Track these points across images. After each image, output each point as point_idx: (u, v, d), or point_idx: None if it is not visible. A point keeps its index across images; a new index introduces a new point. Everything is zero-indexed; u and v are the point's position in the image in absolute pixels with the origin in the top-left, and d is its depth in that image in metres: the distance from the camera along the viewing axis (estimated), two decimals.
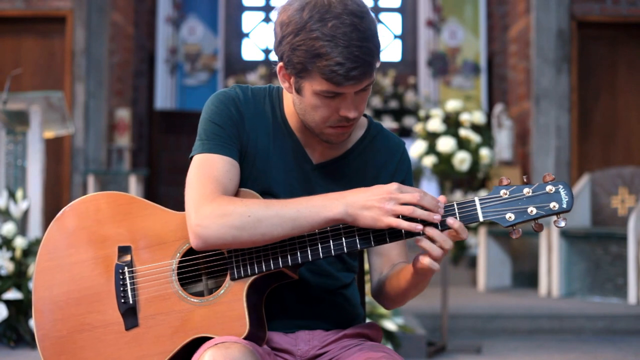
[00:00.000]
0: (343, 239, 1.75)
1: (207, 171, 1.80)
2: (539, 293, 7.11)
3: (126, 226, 1.86)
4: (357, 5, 1.74)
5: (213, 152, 1.82)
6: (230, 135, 1.85)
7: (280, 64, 1.80)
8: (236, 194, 1.83)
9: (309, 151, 1.91)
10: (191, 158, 1.86)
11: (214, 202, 1.75)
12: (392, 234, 1.74)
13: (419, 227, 1.68)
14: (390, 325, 4.59)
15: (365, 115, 1.99)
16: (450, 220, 1.70)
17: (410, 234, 1.72)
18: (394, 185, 1.71)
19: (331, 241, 1.76)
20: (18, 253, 4.62)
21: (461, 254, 8.08)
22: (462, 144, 5.13)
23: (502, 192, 1.72)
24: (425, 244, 1.70)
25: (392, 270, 1.93)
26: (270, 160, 1.89)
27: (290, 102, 1.88)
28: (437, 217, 1.69)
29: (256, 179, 1.87)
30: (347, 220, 1.72)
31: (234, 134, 1.85)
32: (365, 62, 1.72)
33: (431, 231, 1.69)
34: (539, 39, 8.21)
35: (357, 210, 1.71)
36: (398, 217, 1.70)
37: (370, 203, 1.70)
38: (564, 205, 1.69)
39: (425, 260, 1.71)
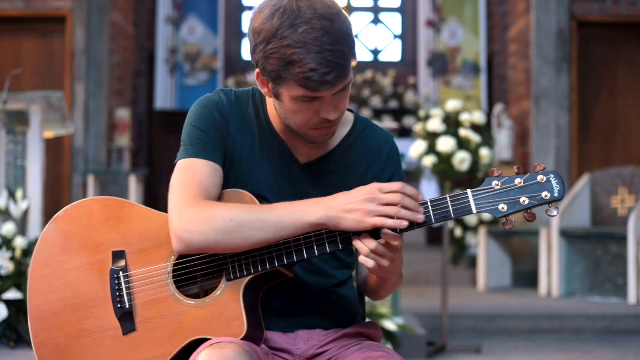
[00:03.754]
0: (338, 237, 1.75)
1: (190, 176, 1.81)
2: (539, 293, 7.11)
3: (119, 231, 1.86)
4: (327, 8, 1.72)
5: (196, 156, 1.83)
6: (213, 140, 1.85)
7: (257, 70, 1.79)
8: (230, 195, 1.83)
9: (295, 152, 1.91)
10: (175, 164, 1.86)
11: (196, 206, 1.76)
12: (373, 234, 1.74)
13: (404, 223, 1.68)
14: (390, 325, 4.59)
15: (351, 111, 1.99)
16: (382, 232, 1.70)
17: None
18: (375, 186, 1.71)
19: (326, 241, 1.76)
20: (18, 253, 4.62)
21: (461, 254, 8.08)
22: (462, 144, 5.13)
23: (494, 183, 1.72)
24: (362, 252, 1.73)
25: None
26: (257, 164, 1.88)
27: (273, 105, 1.88)
28: (420, 217, 1.69)
29: (244, 183, 1.87)
30: (330, 225, 1.72)
31: (218, 139, 1.85)
32: (339, 65, 1.70)
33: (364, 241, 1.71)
34: (539, 39, 8.20)
35: (339, 213, 1.70)
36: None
37: (352, 206, 1.70)
38: (556, 195, 1.70)
39: (368, 263, 1.72)
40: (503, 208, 1.70)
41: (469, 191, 1.72)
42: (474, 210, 1.70)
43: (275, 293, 1.87)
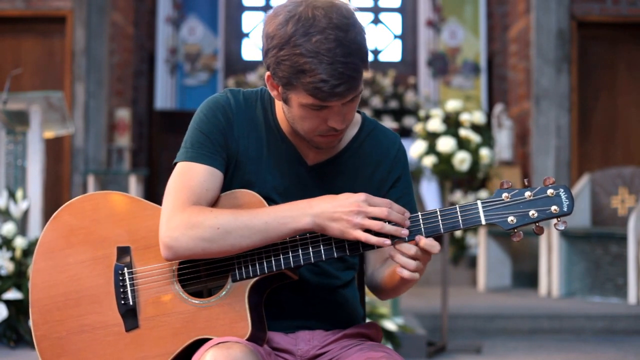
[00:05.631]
0: (333, 244, 1.76)
1: (183, 180, 1.81)
2: (539, 293, 7.11)
3: (125, 226, 1.85)
4: (342, 18, 1.71)
5: (194, 160, 1.83)
6: (215, 144, 1.85)
7: (268, 73, 1.79)
8: (237, 196, 1.82)
9: (303, 153, 1.91)
10: (175, 164, 1.86)
11: (184, 212, 1.76)
12: (365, 245, 1.75)
13: (387, 242, 1.70)
14: (390, 325, 4.59)
15: (359, 112, 1.99)
16: (417, 238, 1.70)
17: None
18: (362, 196, 1.72)
19: (334, 246, 1.76)
20: (18, 253, 4.62)
21: (461, 254, 8.08)
22: (462, 144, 5.12)
23: (503, 195, 1.73)
24: (399, 259, 1.70)
25: (385, 264, 1.94)
26: (264, 165, 1.88)
27: (281, 107, 1.88)
28: (404, 232, 1.71)
29: (250, 184, 1.87)
30: (316, 231, 1.73)
31: (220, 143, 1.85)
32: (349, 77, 1.70)
33: (403, 248, 1.70)
34: (539, 39, 8.21)
35: (325, 221, 1.72)
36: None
37: (338, 215, 1.71)
38: (565, 209, 1.71)
39: (404, 273, 1.71)
40: (512, 220, 1.71)
41: (478, 202, 1.73)
42: (483, 221, 1.72)
43: (277, 293, 1.87)
